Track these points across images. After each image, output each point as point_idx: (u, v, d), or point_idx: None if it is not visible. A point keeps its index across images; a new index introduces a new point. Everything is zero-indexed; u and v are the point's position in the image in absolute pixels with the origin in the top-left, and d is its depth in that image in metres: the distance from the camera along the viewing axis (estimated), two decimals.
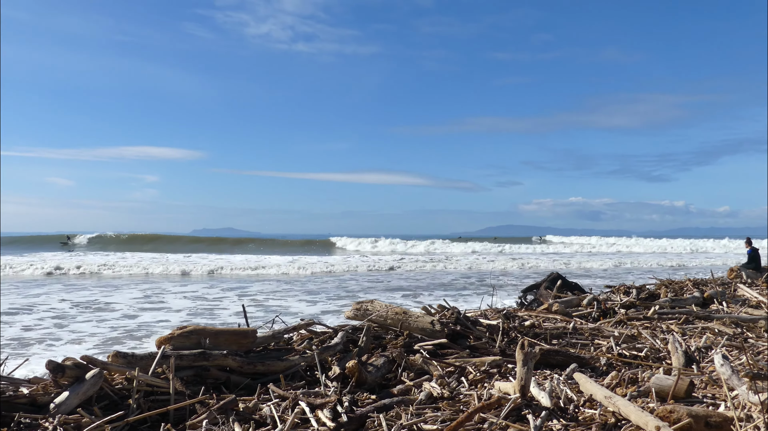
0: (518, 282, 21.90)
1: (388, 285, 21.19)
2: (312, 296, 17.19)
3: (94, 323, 11.80)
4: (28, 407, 4.10)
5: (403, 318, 6.75)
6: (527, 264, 32.75)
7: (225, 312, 13.61)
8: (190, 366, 5.02)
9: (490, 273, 27.30)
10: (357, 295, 17.31)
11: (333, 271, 26.93)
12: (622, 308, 9.51)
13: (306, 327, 6.68)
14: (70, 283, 20.88)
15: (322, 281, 22.30)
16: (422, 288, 20.02)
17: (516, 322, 7.81)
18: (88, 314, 13.18)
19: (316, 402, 4.19)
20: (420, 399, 4.58)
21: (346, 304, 15.08)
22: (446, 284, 21.44)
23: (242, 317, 6.56)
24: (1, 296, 16.66)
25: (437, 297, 16.66)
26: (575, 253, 52.92)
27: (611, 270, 29.98)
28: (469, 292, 18.38)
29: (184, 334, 5.29)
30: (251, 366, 5.26)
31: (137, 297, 16.62)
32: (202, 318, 12.55)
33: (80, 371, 4.37)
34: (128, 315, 12.97)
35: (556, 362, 5.85)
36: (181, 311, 13.71)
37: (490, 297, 12.85)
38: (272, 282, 22.06)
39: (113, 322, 11.97)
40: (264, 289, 19.16)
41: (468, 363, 5.68)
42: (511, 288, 17.97)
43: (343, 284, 21.11)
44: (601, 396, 4.17)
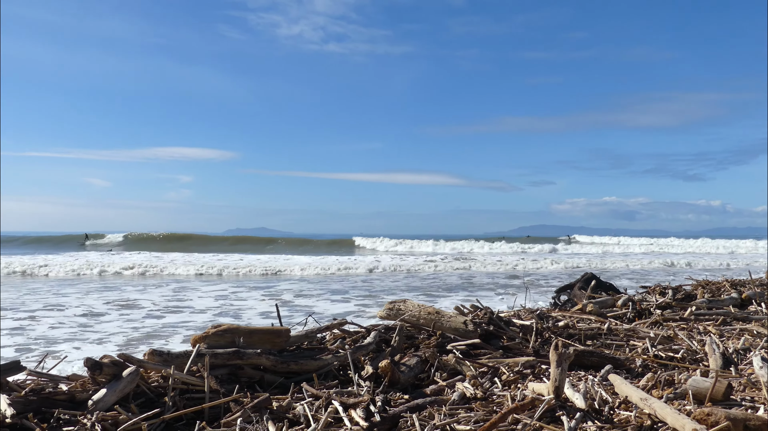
0: (545, 282, 21.73)
1: (411, 285, 21.12)
2: (336, 296, 17.22)
3: (119, 323, 11.92)
4: (67, 403, 4.16)
5: (435, 318, 6.74)
6: (557, 265, 32.33)
7: (250, 312, 13.68)
8: (225, 365, 5.06)
9: (521, 273, 27.13)
10: (380, 295, 17.29)
11: (356, 271, 26.89)
12: (658, 309, 9.39)
13: (339, 326, 6.70)
14: (96, 282, 21.17)
15: (345, 281, 22.30)
16: (445, 288, 19.91)
17: (550, 323, 7.75)
18: (114, 313, 13.33)
19: (349, 401, 4.20)
20: (453, 400, 4.56)
21: (368, 304, 15.12)
22: (471, 284, 21.28)
23: (268, 317, 6.60)
24: (13, 295, 16.93)
25: (464, 297, 16.61)
26: (606, 253, 52.22)
27: (644, 271, 29.55)
28: (495, 292, 18.27)
29: (218, 333, 5.34)
30: (285, 365, 5.29)
31: (165, 296, 16.81)
32: (227, 317, 12.61)
33: (117, 369, 4.42)
34: (153, 315, 13.10)
35: (590, 363, 5.80)
36: (206, 311, 13.80)
37: (522, 298, 12.77)
38: (296, 281, 22.15)
39: (137, 322, 12.09)
40: (289, 288, 19.23)
41: (501, 364, 5.66)
42: (539, 289, 17.83)
43: (367, 284, 21.09)
44: (637, 398, 4.12)
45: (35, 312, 13.37)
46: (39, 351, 9.09)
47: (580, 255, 45.58)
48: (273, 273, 25.83)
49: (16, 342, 9.93)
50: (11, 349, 9.38)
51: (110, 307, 14.32)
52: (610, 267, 31.75)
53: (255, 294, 17.47)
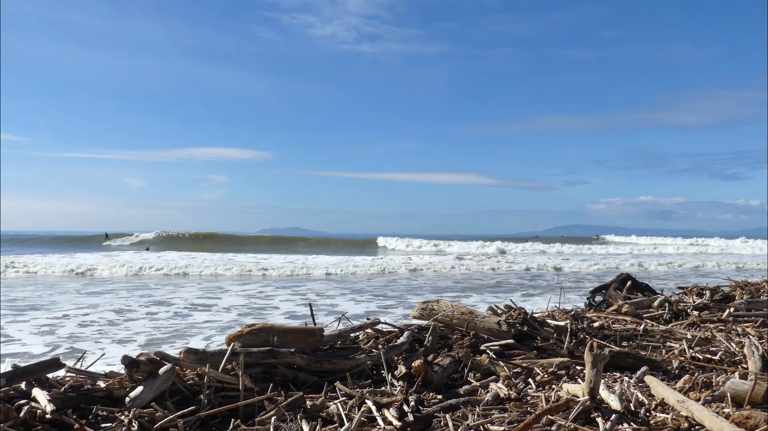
0: (575, 283, 21.54)
1: (436, 285, 21.03)
2: (359, 295, 17.25)
3: (145, 321, 12.05)
4: (105, 400, 4.23)
5: (469, 318, 6.72)
6: (587, 265, 31.88)
7: (276, 312, 13.78)
8: (259, 364, 5.09)
9: (550, 273, 26.92)
10: (404, 296, 17.26)
11: (380, 271, 26.77)
12: (695, 310, 9.27)
13: (372, 326, 6.71)
14: (125, 282, 21.42)
15: (367, 281, 22.26)
16: (472, 288, 19.80)
17: (584, 323, 7.69)
18: (142, 311, 13.50)
19: (382, 401, 4.21)
20: (487, 400, 4.55)
21: (391, 304, 15.08)
22: (497, 285, 21.16)
23: (291, 317, 6.63)
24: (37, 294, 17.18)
25: (490, 297, 16.53)
26: (638, 254, 51.40)
27: (677, 272, 29.12)
28: (523, 293, 18.14)
29: (252, 332, 5.38)
30: (318, 364, 5.31)
31: (195, 294, 17.00)
32: (252, 318, 12.69)
33: (154, 366, 4.48)
34: (180, 314, 13.23)
35: (625, 364, 5.74)
36: (231, 311, 13.89)
37: (552, 298, 12.68)
38: (318, 281, 22.22)
39: (163, 320, 12.22)
40: (312, 288, 19.28)
41: (535, 365, 5.62)
42: (569, 290, 17.66)
43: (390, 284, 21.02)
44: (674, 400, 4.07)
45: (68, 310, 13.57)
46: (64, 348, 9.25)
47: (613, 256, 44.99)
48: (290, 273, 25.78)
49: (45, 341, 10.08)
50: (41, 346, 9.53)
51: (139, 305, 14.52)
52: (642, 268, 31.32)
53: (281, 293, 17.59)
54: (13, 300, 15.56)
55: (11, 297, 16.21)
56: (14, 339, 10.08)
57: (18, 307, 14.05)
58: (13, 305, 14.46)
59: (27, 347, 9.50)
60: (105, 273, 24.41)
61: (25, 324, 11.53)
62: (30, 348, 9.38)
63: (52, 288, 18.66)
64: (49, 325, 11.49)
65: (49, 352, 9.02)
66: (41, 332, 10.79)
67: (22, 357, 8.61)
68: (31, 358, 8.52)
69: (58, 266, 25.57)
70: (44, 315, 12.86)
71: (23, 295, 16.64)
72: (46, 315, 12.74)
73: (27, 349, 9.32)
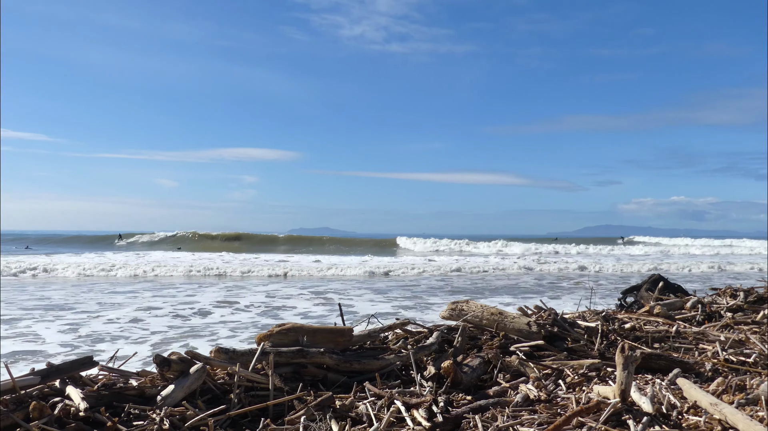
0: (602, 284, 21.35)
1: (454, 286, 20.97)
2: (378, 295, 17.31)
3: (163, 322, 12.14)
4: (136, 398, 4.28)
5: (498, 319, 6.69)
6: (612, 267, 31.26)
7: (291, 312, 13.87)
8: (288, 363, 5.12)
9: (574, 274, 26.67)
10: (421, 296, 17.22)
11: (396, 272, 26.47)
12: (729, 311, 9.15)
13: (401, 326, 6.71)
14: (147, 281, 21.61)
15: (383, 281, 22.23)
16: (491, 289, 19.69)
17: (615, 325, 7.62)
18: (160, 312, 13.60)
19: (411, 401, 4.21)
20: (516, 401, 4.52)
21: (408, 305, 15.05)
22: (515, 286, 20.99)
23: (306, 317, 6.64)
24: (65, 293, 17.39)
25: (510, 299, 16.45)
26: (667, 254, 50.69)
27: (707, 273, 28.69)
28: (548, 294, 18.00)
29: (282, 332, 5.41)
30: (347, 364, 5.32)
31: (218, 294, 17.15)
32: (270, 318, 12.75)
33: (185, 365, 4.52)
34: (203, 313, 13.36)
35: (657, 366, 5.68)
36: (250, 310, 13.98)
37: (587, 300, 12.58)
38: (337, 281, 22.25)
39: (182, 320, 12.33)
40: (331, 288, 19.31)
41: (565, 366, 5.58)
42: (588, 291, 17.49)
43: (410, 285, 20.92)
44: (707, 403, 4.02)
45: (94, 310, 13.73)
46: (85, 349, 9.37)
47: (641, 257, 44.43)
48: (321, 270, 25.77)
49: (64, 340, 10.21)
50: (58, 346, 9.66)
51: (162, 304, 14.69)
52: (670, 269, 30.78)
53: (303, 292, 17.70)
54: (41, 299, 15.82)
55: (40, 296, 16.48)
56: (39, 337, 10.24)
57: (45, 306, 14.28)
58: (41, 305, 14.69)
59: (46, 345, 9.64)
60: (121, 272, 24.67)
61: (52, 323, 11.69)
62: (48, 347, 9.52)
63: (78, 288, 18.93)
64: (72, 324, 11.65)
65: (70, 351, 9.14)
66: (65, 331, 10.93)
67: (41, 356, 8.74)
68: (48, 357, 8.65)
69: (87, 264, 25.95)
70: (69, 314, 13.06)
71: (49, 294, 16.90)
72: (71, 314, 12.93)
73: (45, 347, 9.47)
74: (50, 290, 18.08)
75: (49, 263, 26.39)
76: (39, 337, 10.30)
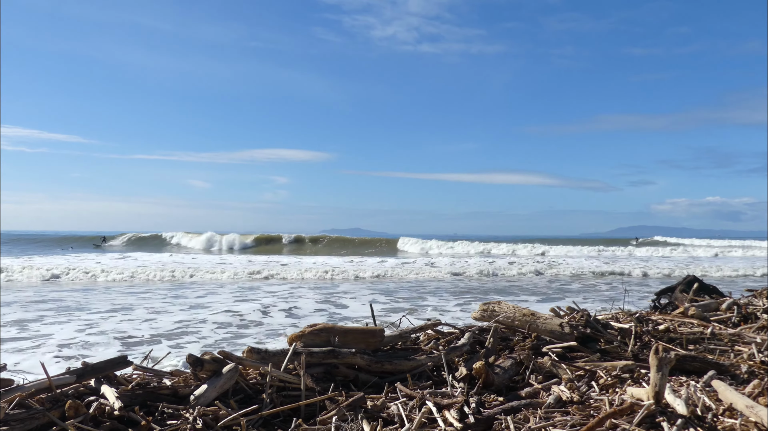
0: (634, 287, 21.02)
1: (457, 286, 20.76)
2: (386, 297, 17.24)
3: (164, 323, 12.21)
4: (170, 398, 4.33)
5: (530, 320, 6.66)
6: (641, 268, 29.67)
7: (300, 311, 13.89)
8: (320, 364, 5.14)
9: (590, 276, 26.31)
10: (425, 297, 17.11)
11: (395, 273, 25.87)
12: (765, 313, 9.01)
13: (432, 327, 6.71)
14: (156, 284, 21.76)
15: (380, 283, 21.95)
16: (497, 291, 19.50)
17: (649, 326, 7.54)
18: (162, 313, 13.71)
19: (443, 402, 4.20)
20: (549, 403, 4.50)
21: (404, 308, 14.92)
22: (517, 287, 20.72)
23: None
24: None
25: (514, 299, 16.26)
26: (694, 257, 48.75)
27: (729, 278, 27.45)
28: (545, 296, 17.84)
29: (314, 332, 5.44)
30: (379, 364, 5.33)
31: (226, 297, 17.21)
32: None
33: (217, 365, 4.57)
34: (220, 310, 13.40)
35: (692, 368, 5.61)
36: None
37: (620, 301, 12.46)
38: (344, 283, 22.14)
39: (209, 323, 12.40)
40: (342, 290, 19.20)
41: (598, 367, 5.54)
42: (626, 292, 17.12)
43: (419, 287, 20.63)
44: (743, 406, 3.96)
45: (105, 312, 13.85)
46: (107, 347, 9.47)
47: (667, 259, 43.43)
48: (324, 272, 25.45)
49: (60, 340, 10.33)
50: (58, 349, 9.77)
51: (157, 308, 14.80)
52: (694, 272, 28.84)
53: (311, 294, 17.68)
54: (56, 300, 16.06)
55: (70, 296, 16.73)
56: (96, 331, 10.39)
57: (64, 307, 14.49)
58: (59, 305, 14.92)
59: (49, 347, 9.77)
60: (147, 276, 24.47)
61: (67, 325, 11.85)
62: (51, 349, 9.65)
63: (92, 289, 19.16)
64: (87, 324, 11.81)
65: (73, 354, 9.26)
66: (78, 330, 11.08)
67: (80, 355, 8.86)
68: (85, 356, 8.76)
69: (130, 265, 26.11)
70: (84, 314, 13.23)
71: (71, 295, 17.13)
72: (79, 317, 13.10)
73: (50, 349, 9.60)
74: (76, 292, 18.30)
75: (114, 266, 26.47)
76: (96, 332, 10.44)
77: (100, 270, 24.43)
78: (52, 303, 15.24)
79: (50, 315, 12.90)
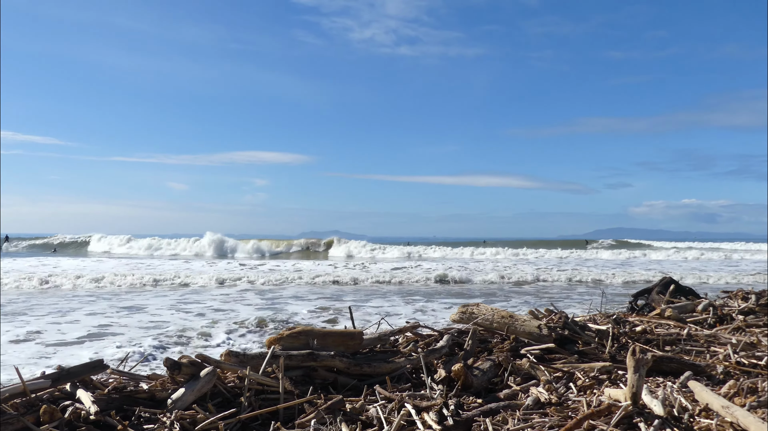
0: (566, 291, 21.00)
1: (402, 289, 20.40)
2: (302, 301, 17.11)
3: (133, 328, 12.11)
4: (147, 401, 4.30)
5: (509, 322, 6.68)
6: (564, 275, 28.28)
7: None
8: (299, 367, 5.13)
9: (530, 280, 26.31)
10: (357, 303, 17.08)
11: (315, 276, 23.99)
12: (741, 314, 9.10)
13: (411, 329, 6.71)
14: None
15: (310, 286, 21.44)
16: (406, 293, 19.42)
17: (627, 327, 7.60)
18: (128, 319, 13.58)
19: (422, 404, 4.20)
20: (527, 404, 4.52)
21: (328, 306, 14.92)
22: (405, 291, 20.00)
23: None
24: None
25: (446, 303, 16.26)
26: (657, 260, 45.67)
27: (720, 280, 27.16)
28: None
29: (292, 335, 5.42)
30: (358, 367, 5.33)
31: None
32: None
33: (195, 368, 4.54)
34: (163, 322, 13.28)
35: (669, 369, 5.66)
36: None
37: (597, 303, 12.53)
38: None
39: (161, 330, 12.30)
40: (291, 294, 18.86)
41: (576, 369, 5.57)
42: (603, 295, 17.05)
43: (336, 288, 20.41)
44: (718, 406, 4.00)
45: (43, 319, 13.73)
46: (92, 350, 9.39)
47: (653, 264, 43.11)
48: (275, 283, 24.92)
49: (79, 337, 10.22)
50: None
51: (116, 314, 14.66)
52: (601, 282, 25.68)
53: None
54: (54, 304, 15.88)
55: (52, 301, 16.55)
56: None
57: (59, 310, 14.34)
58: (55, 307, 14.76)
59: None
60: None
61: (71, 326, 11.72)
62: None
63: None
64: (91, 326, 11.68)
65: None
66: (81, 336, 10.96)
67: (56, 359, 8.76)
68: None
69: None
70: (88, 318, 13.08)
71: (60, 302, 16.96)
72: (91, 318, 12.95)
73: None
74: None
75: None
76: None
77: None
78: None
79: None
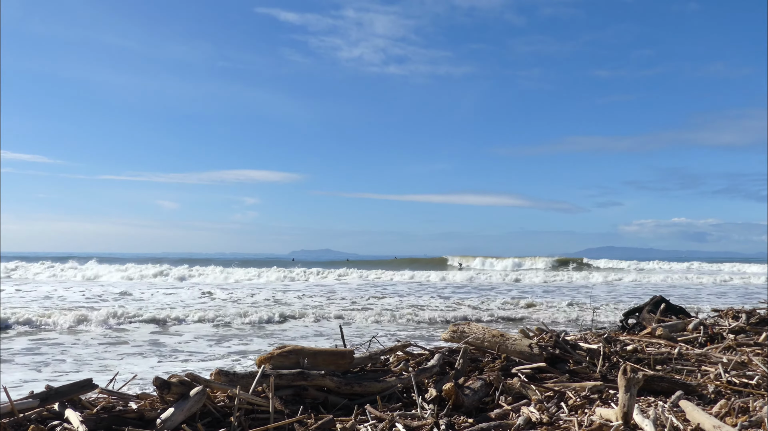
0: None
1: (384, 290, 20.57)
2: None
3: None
4: (136, 421, 4.25)
5: (500, 341, 6.67)
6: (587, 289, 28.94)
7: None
8: (289, 386, 5.10)
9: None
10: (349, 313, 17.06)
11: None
12: (731, 333, 9.12)
13: (402, 348, 6.69)
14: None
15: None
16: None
17: (618, 346, 7.60)
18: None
19: (413, 424, 4.18)
20: (518, 424, 4.50)
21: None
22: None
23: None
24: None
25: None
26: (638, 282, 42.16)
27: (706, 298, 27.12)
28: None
29: (283, 354, 5.39)
30: (348, 386, 5.30)
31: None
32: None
33: (185, 388, 4.50)
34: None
35: (660, 388, 5.65)
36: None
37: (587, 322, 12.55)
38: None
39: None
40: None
41: (567, 388, 5.56)
42: (594, 312, 17.12)
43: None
44: (710, 426, 4.00)
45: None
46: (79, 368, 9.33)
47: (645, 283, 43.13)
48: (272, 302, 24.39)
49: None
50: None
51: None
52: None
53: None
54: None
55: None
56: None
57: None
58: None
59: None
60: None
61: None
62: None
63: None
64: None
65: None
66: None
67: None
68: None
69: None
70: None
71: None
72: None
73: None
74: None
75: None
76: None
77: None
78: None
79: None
